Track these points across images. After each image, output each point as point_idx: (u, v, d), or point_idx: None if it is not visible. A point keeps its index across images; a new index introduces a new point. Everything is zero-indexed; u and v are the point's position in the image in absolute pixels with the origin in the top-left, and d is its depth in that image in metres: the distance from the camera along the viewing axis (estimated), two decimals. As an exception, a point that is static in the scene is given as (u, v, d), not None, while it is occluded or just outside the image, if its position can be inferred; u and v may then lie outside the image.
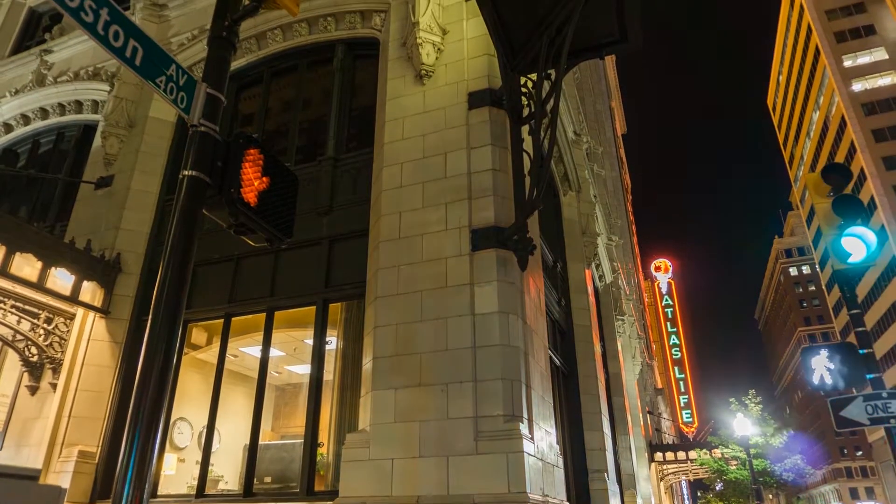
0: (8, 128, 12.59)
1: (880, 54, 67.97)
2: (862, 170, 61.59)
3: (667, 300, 57.35)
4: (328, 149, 8.72)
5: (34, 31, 14.37)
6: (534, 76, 6.93)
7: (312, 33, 9.62)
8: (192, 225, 3.29)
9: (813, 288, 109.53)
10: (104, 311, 8.59)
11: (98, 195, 9.82)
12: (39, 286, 7.73)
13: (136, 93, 10.38)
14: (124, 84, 10.38)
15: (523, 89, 7.13)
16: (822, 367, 8.13)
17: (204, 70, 3.79)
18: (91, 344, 8.39)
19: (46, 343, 8.18)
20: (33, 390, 8.29)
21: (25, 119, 12.39)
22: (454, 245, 6.70)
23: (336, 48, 9.44)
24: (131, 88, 10.35)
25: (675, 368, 51.22)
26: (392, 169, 7.45)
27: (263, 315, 8.09)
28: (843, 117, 67.47)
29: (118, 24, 3.36)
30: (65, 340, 8.36)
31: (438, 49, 7.91)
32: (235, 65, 9.58)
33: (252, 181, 3.65)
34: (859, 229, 8.21)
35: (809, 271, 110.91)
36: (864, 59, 68.64)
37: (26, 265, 7.58)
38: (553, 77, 6.52)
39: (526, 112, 7.14)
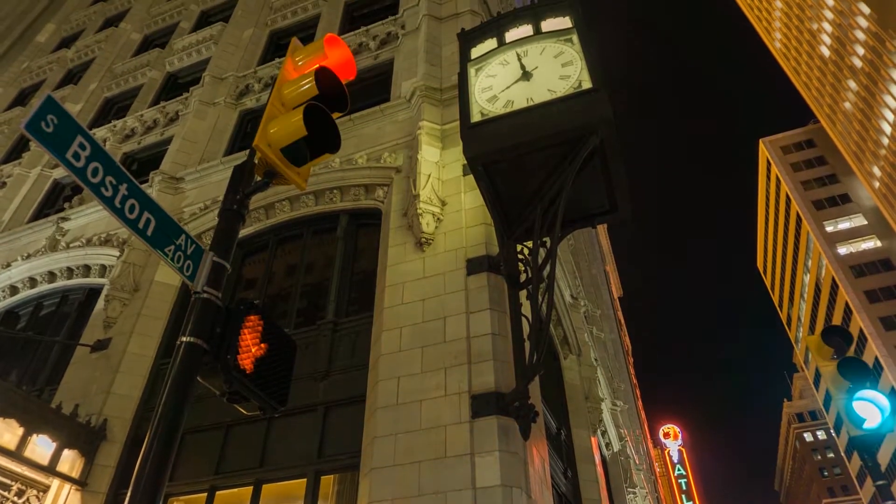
0: (14, 290, 12.79)
1: (859, 220, 71.29)
2: (861, 331, 61.65)
3: (679, 469, 54.26)
4: (328, 312, 8.79)
5: (55, 200, 15.18)
6: (530, 243, 7.20)
7: (318, 204, 10.17)
8: (184, 394, 3.21)
9: (832, 455, 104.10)
10: (81, 483, 8.06)
11: (93, 358, 9.70)
12: (17, 455, 7.32)
13: (143, 258, 10.70)
14: (134, 250, 10.74)
15: (520, 256, 7.35)
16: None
17: (212, 239, 3.93)
18: (61, 521, 7.76)
19: (13, 520, 7.56)
20: (-11, 577, 7.51)
21: (32, 282, 12.63)
22: (454, 412, 6.47)
23: (340, 218, 9.92)
24: (140, 254, 10.70)
25: (696, 548, 46.97)
26: (391, 333, 7.44)
27: (250, 489, 7.58)
28: (833, 279, 69.05)
29: (135, 198, 3.55)
30: (34, 517, 7.74)
31: (438, 219, 8.31)
32: (243, 233, 10.01)
33: (250, 347, 3.62)
34: (870, 393, 8.00)
35: (825, 437, 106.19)
36: (844, 224, 71.87)
37: (7, 431, 7.26)
38: (548, 244, 6.77)
39: (523, 278, 7.31)
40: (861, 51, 65.25)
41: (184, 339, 3.33)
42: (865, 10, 60.75)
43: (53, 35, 25.18)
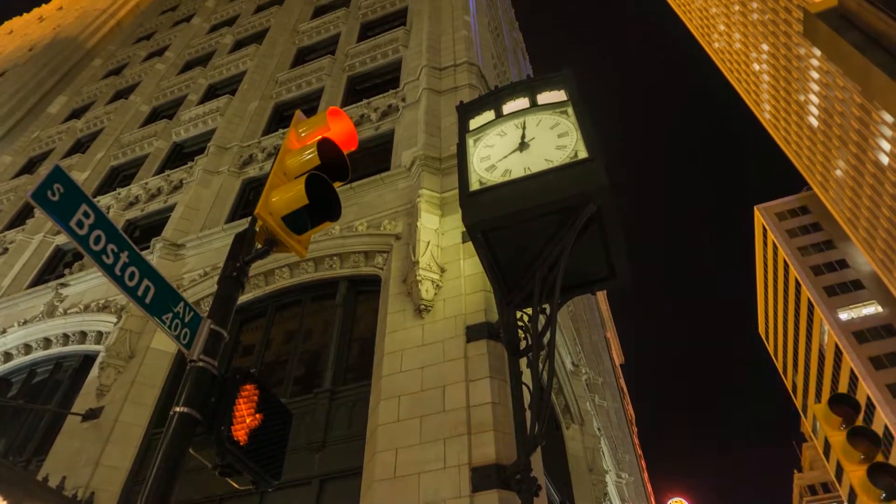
0: (8, 357, 12.62)
1: (858, 286, 71.22)
2: (869, 398, 60.45)
3: (689, 546, 51.85)
4: (325, 380, 8.65)
5: (56, 267, 15.22)
6: (529, 310, 7.16)
7: (318, 271, 10.20)
8: (175, 466, 3.12)
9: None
10: (62, 563, 7.68)
11: (83, 427, 9.47)
12: (-3, 532, 7.02)
13: (140, 324, 10.63)
14: (131, 316, 10.68)
15: (519, 323, 7.31)
16: None
17: (211, 306, 3.92)
18: None
19: None
20: None
21: (27, 348, 12.49)
22: (453, 486, 6.25)
23: (339, 284, 9.93)
24: (137, 320, 10.63)
25: None
26: (389, 402, 7.30)
27: (240, 568, 7.23)
28: (837, 346, 68.30)
29: (135, 266, 3.57)
30: None
31: (437, 286, 8.31)
32: (242, 299, 9.97)
33: (244, 418, 3.54)
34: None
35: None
36: (844, 290, 71.74)
37: (-11, 507, 6.98)
38: (548, 311, 6.74)
39: (523, 345, 7.23)
40: (848, 121, 67.20)
41: (177, 409, 3.27)
42: (849, 82, 63.00)
43: (65, 106, 26.01)
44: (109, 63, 29.35)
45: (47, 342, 12.35)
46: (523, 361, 7.30)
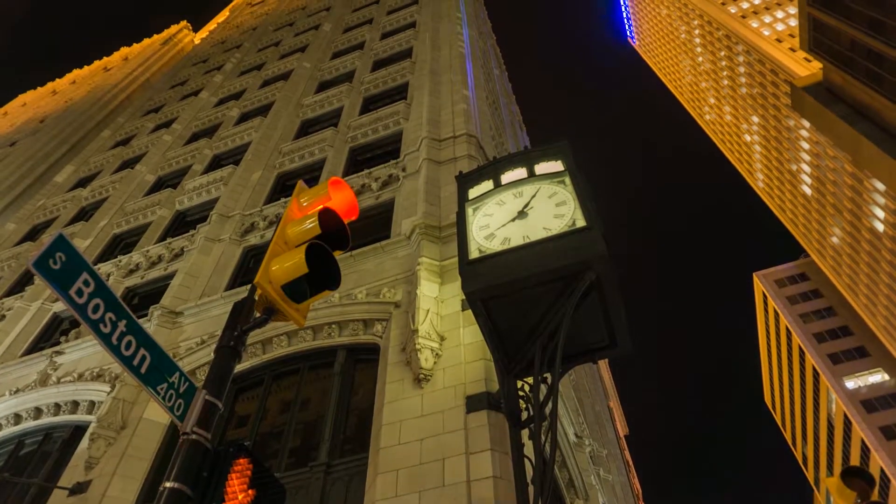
0: (-4, 427, 12.31)
1: (863, 353, 70.36)
2: (882, 471, 58.53)
3: None
4: (321, 453, 8.40)
5: (52, 334, 15.09)
6: (530, 380, 7.04)
7: (317, 339, 10.11)
8: (161, 547, 2.99)
9: None
10: None
11: (69, 502, 9.12)
12: None
13: (134, 394, 10.43)
14: (125, 385, 10.50)
15: (521, 392, 7.16)
16: None
17: (206, 376, 3.86)
18: None
19: None
20: None
21: (17, 418, 12.20)
22: (453, 567, 5.96)
23: (338, 353, 9.82)
24: (130, 390, 10.44)
25: None
26: (387, 476, 7.06)
27: None
28: (845, 415, 66.77)
29: (132, 335, 3.56)
30: None
31: (437, 354, 8.22)
32: (239, 367, 9.81)
33: (237, 494, 3.44)
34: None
35: None
36: (848, 357, 70.81)
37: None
38: (549, 380, 6.62)
39: (525, 415, 7.07)
40: (841, 189, 68.37)
41: (167, 484, 3.18)
42: (840, 152, 64.51)
43: (72, 175, 26.53)
44: (118, 134, 30.16)
45: (38, 412, 12.07)
46: (525, 433, 7.11)
